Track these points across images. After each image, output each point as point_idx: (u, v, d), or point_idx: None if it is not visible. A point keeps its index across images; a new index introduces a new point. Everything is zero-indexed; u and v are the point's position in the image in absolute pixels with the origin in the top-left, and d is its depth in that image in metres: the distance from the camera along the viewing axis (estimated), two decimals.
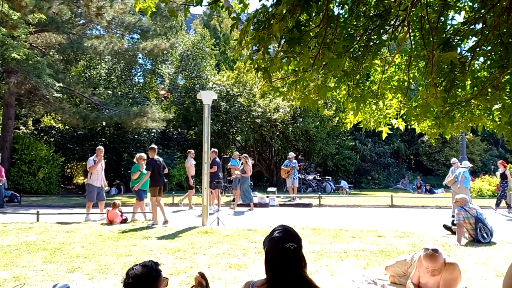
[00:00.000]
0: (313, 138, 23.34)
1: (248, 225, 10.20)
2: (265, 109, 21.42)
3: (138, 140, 23.36)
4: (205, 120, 10.40)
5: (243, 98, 22.13)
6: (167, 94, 26.16)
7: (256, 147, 24.55)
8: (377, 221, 11.37)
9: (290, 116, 21.84)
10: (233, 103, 22.61)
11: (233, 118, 22.85)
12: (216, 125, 22.71)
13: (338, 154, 25.34)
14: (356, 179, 27.23)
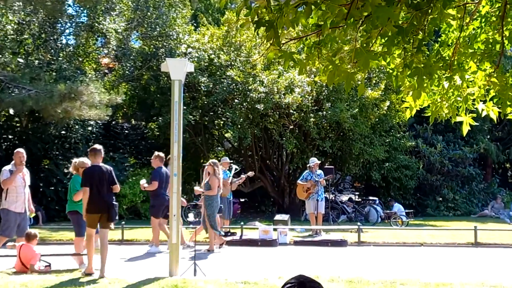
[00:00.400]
0: (348, 135, 23.33)
1: (244, 274, 10.16)
2: (271, 88, 21.45)
3: (66, 138, 23.37)
4: (174, 106, 10.38)
5: (235, 70, 22.16)
6: (114, 64, 26.17)
7: (256, 150, 24.57)
8: (452, 269, 11.33)
9: (312, 100, 21.87)
10: (219, 78, 22.63)
11: (219, 103, 22.87)
12: (193, 114, 22.72)
13: (389, 161, 25.35)
14: (418, 201, 27.22)
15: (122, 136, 26.67)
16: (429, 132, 27.09)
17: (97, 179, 10.14)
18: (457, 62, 4.67)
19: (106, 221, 10.22)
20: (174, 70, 10.52)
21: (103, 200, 10.14)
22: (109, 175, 10.30)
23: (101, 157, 10.47)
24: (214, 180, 13.47)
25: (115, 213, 10.33)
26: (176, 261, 10.21)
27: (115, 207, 10.35)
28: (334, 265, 11.84)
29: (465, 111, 5.03)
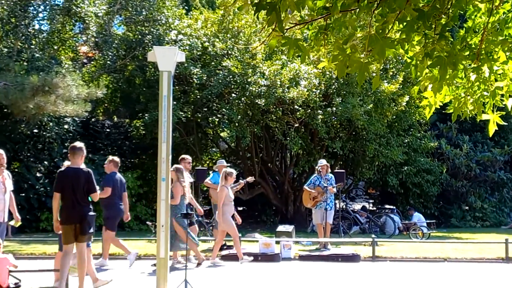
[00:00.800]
0: (361, 135, 23.31)
1: None
2: (273, 81, 21.45)
3: (39, 138, 23.34)
4: (162, 101, 10.38)
5: (233, 60, 22.15)
6: (93, 53, 26.15)
7: (256, 151, 24.57)
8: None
9: (320, 94, 21.88)
10: (214, 69, 22.63)
11: (214, 97, 22.85)
12: (184, 110, 22.71)
13: (408, 165, 25.34)
14: (441, 210, 27.20)
15: (103, 135, 26.63)
16: (453, 132, 27.08)
17: (70, 183, 9.91)
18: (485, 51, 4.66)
19: (79, 234, 9.91)
20: (162, 59, 10.50)
21: (76, 209, 9.88)
22: (86, 180, 10.01)
23: (81, 157, 10.26)
24: (177, 187, 13.54)
25: (88, 226, 9.93)
26: (164, 277, 10.18)
27: (90, 218, 10.00)
28: (345, 283, 11.81)
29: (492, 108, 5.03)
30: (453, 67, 4.29)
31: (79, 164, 10.19)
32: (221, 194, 14.19)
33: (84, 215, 9.93)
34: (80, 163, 10.21)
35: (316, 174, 17.34)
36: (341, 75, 4.43)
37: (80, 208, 9.91)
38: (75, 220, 9.90)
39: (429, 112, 5.06)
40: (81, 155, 10.24)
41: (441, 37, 4.34)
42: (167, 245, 10.36)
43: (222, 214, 14.22)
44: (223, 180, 14.33)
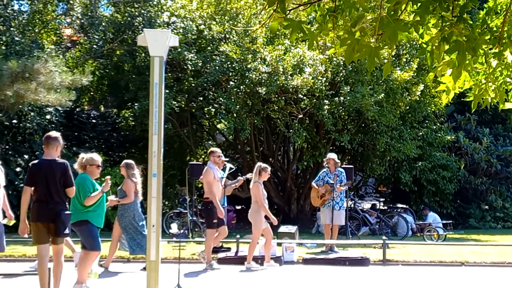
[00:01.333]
0: (371, 127, 23.30)
1: None
2: (275, 67, 21.44)
3: (19, 129, 23.34)
4: (153, 89, 10.37)
5: (231, 45, 22.13)
6: (78, 36, 26.11)
7: (257, 145, 24.57)
8: None
9: (326, 83, 21.87)
10: (211, 54, 22.60)
11: (211, 85, 22.84)
12: (178, 100, 22.70)
13: (423, 160, 25.34)
14: (458, 210, 27.21)
15: (89, 127, 26.64)
16: (473, 124, 27.06)
17: (43, 177, 9.72)
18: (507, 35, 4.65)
19: (54, 235, 9.74)
20: (153, 44, 10.49)
21: (49, 207, 9.69)
22: (62, 174, 9.77)
23: (56, 149, 10.03)
24: (129, 184, 13.61)
25: (63, 226, 9.69)
26: (155, 282, 10.18)
27: (65, 217, 9.78)
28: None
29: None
30: (473, 52, 4.28)
31: (54, 156, 9.98)
32: (258, 191, 14.26)
33: (58, 213, 9.68)
34: (56, 155, 10.01)
35: (324, 170, 17.24)
36: (349, 60, 4.42)
37: (53, 206, 9.69)
38: (47, 219, 9.71)
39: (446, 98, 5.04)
40: (56, 146, 10.03)
41: (459, 20, 4.33)
42: (158, 246, 10.36)
43: (257, 213, 14.28)
44: (257, 175, 14.40)
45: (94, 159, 11.18)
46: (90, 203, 10.77)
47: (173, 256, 14.41)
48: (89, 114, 27.60)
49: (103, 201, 11.05)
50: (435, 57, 4.62)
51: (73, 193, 10.06)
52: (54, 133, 10.32)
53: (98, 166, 11.18)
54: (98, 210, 10.96)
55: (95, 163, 11.09)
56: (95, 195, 10.76)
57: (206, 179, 14.19)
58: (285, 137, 24.29)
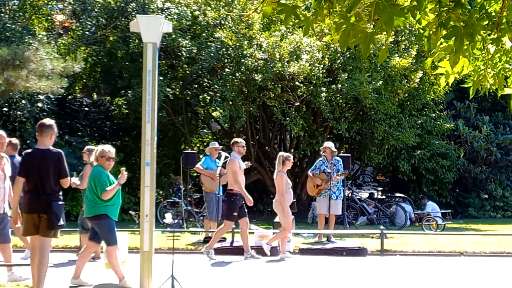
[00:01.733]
0: (369, 115, 23.30)
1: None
2: (271, 54, 21.41)
3: (9, 117, 23.27)
4: (147, 77, 10.35)
5: (226, 31, 22.08)
6: (70, 22, 26.02)
7: (252, 133, 24.56)
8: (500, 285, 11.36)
9: (323, 70, 21.84)
10: (205, 41, 22.55)
11: (206, 72, 22.80)
12: (172, 87, 22.66)
13: (422, 148, 25.36)
14: (457, 199, 27.24)
15: (81, 115, 26.57)
16: (472, 111, 27.08)
17: (36, 167, 9.49)
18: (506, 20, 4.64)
19: (45, 228, 9.43)
20: (147, 30, 10.47)
21: (41, 198, 9.47)
22: (55, 164, 9.54)
23: (50, 137, 9.74)
24: (87, 170, 13.61)
25: (56, 217, 9.41)
26: (148, 273, 10.19)
27: (58, 208, 9.50)
28: (350, 279, 11.84)
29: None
30: (470, 38, 4.27)
31: (48, 145, 9.71)
32: (281, 180, 14.31)
33: (50, 204, 9.45)
34: (49, 144, 9.74)
35: (321, 159, 17.21)
36: (344, 46, 4.41)
37: (46, 197, 9.47)
38: (38, 210, 9.48)
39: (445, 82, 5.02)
40: (50, 134, 9.72)
41: (457, 5, 4.32)
42: (152, 237, 10.37)
43: (283, 204, 14.35)
44: (280, 164, 14.44)
45: (104, 151, 10.97)
46: (108, 196, 10.64)
47: (167, 246, 14.42)
48: (82, 102, 27.51)
49: (119, 194, 10.96)
50: (432, 43, 4.62)
51: (67, 184, 9.77)
52: (48, 120, 9.99)
53: (109, 159, 10.94)
54: (116, 204, 10.90)
55: (105, 155, 10.88)
56: (111, 188, 10.64)
57: (232, 169, 14.18)
58: (281, 125, 24.28)
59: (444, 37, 4.37)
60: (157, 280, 10.49)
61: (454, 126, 25.79)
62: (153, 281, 10.31)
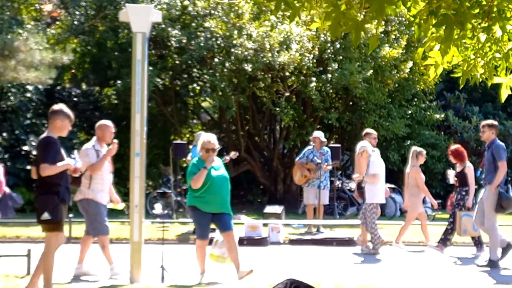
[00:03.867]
0: (359, 105, 23.32)
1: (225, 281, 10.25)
2: (261, 43, 21.39)
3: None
4: (136, 67, 10.33)
5: (216, 20, 22.04)
6: (59, 12, 25.93)
7: (242, 123, 24.54)
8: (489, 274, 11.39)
9: (313, 60, 21.84)
10: (195, 31, 22.50)
11: (195, 63, 22.75)
12: (162, 77, 22.61)
13: (412, 138, 25.38)
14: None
15: (70, 105, 26.11)
16: (462, 102, 27.12)
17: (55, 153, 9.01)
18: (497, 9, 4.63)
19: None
20: (136, 19, 10.45)
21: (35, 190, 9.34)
22: (38, 151, 9.22)
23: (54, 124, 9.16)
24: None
25: (38, 210, 8.87)
26: (138, 264, 10.20)
27: (40, 199, 9.01)
28: (340, 269, 11.88)
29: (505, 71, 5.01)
30: (461, 26, 4.26)
31: (50, 133, 9.20)
32: (418, 175, 14.65)
33: (35, 196, 9.26)
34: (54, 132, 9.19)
35: (309, 148, 17.19)
36: (334, 35, 4.39)
37: (35, 188, 9.29)
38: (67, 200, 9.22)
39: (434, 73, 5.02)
40: (54, 121, 9.18)
41: None
42: (141, 227, 10.37)
43: (416, 197, 14.77)
44: (414, 159, 14.72)
45: (204, 142, 10.52)
46: (196, 186, 10.26)
47: (156, 237, 14.42)
48: (70, 92, 27.43)
49: (212, 186, 10.29)
50: (422, 31, 4.61)
51: (43, 171, 8.72)
52: (56, 106, 9.49)
53: (208, 151, 10.31)
54: (205, 196, 10.36)
55: (204, 147, 10.40)
56: (196, 177, 10.22)
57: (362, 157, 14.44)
58: (271, 116, 24.27)
59: (435, 25, 4.36)
60: (146, 271, 10.50)
61: (444, 117, 25.84)
62: (143, 272, 10.32)
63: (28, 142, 22.80)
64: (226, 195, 10.61)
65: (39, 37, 20.23)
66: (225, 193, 10.56)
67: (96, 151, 10.84)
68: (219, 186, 10.44)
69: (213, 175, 10.34)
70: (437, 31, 4.59)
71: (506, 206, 12.25)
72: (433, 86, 25.48)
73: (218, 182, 10.43)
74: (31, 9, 25.25)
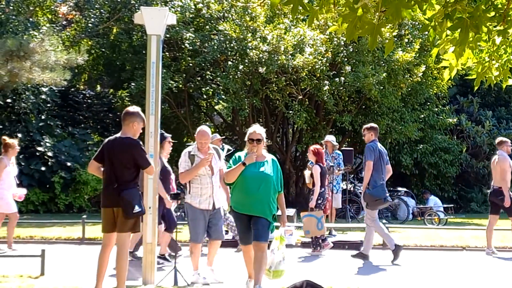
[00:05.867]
0: (373, 109, 23.27)
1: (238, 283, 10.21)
2: (275, 46, 21.38)
3: (13, 108, 23.31)
4: (150, 69, 10.34)
5: (230, 23, 22.05)
6: (74, 14, 26.02)
7: None
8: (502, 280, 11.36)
9: (327, 63, 21.81)
10: (209, 33, 22.52)
11: (209, 65, 22.78)
12: (175, 79, 22.67)
13: (424, 142, 25.34)
14: (460, 194, 27.20)
15: (84, 107, 26.62)
16: (475, 106, 27.07)
17: (108, 156, 9.10)
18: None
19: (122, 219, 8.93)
20: (150, 22, 10.46)
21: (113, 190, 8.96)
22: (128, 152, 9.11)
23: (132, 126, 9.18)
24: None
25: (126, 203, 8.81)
26: (151, 266, 10.20)
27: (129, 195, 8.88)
28: (351, 272, 11.84)
29: None
30: (476, 30, 4.26)
31: (127, 134, 9.25)
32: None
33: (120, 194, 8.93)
34: (130, 133, 9.23)
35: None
36: (350, 38, 4.39)
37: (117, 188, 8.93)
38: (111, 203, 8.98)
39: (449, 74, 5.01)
40: (132, 123, 9.21)
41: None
42: (154, 229, 10.38)
43: None
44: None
45: (250, 133, 9.93)
46: (226, 179, 9.71)
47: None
48: (85, 94, 27.56)
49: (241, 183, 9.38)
50: (437, 34, 4.61)
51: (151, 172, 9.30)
52: (133, 108, 9.47)
53: (253, 141, 9.64)
54: (237, 195, 9.64)
55: (248, 137, 9.82)
56: (230, 170, 9.51)
57: (501, 166, 14.30)
58: (284, 118, 24.26)
59: (450, 28, 4.36)
60: (159, 272, 10.50)
61: (456, 121, 25.79)
62: (156, 273, 10.32)
63: (42, 143, 22.89)
64: (261, 196, 9.30)
65: (54, 39, 20.30)
66: (260, 193, 9.28)
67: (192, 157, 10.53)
68: (252, 184, 9.27)
69: (246, 171, 9.31)
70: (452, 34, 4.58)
71: (369, 202, 13.15)
72: (446, 90, 25.43)
73: (251, 180, 9.29)
74: (46, 11, 25.35)
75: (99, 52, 26.00)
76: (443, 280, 11.26)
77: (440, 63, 5.18)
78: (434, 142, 25.47)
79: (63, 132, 23.53)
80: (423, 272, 12.19)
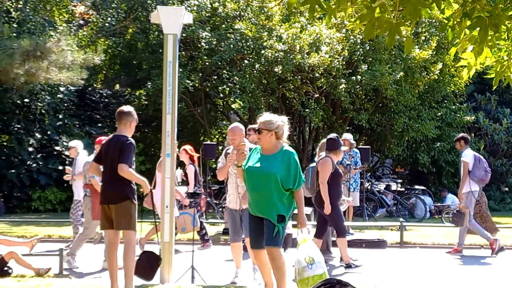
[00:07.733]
0: (389, 107, 23.20)
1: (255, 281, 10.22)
2: (291, 45, 21.35)
3: (30, 108, 23.42)
4: (167, 68, 10.35)
5: (246, 22, 22.06)
6: (90, 14, 26.10)
7: None
8: None
9: (343, 61, 21.76)
10: (225, 32, 22.53)
11: (225, 64, 22.79)
12: (192, 78, 22.69)
13: (442, 140, 25.23)
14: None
15: (101, 106, 26.71)
16: (493, 104, 26.90)
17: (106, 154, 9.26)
18: None
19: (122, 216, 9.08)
20: (167, 21, 10.47)
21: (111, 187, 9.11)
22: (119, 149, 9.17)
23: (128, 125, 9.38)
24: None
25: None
26: (169, 265, 10.21)
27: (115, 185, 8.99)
28: (369, 271, 11.82)
29: None
30: (495, 28, 4.23)
31: (123, 132, 9.38)
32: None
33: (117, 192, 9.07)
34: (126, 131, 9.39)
35: None
36: (368, 37, 4.38)
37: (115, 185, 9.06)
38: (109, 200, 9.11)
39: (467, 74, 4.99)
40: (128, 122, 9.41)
41: None
42: (172, 228, 10.40)
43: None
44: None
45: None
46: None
47: (187, 238, 14.47)
48: (101, 94, 27.64)
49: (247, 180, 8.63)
50: (456, 33, 4.58)
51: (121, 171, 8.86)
52: (127, 107, 9.60)
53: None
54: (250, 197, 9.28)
55: None
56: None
57: None
58: (300, 117, 24.22)
59: (469, 27, 4.34)
60: (177, 271, 10.52)
61: (474, 119, 25.64)
62: (173, 272, 10.34)
63: (60, 143, 22.99)
64: (263, 195, 8.35)
65: (70, 38, 20.37)
66: (262, 192, 8.35)
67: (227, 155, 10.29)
68: (252, 182, 8.42)
69: (247, 167, 8.47)
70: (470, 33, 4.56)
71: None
72: (464, 87, 25.31)
73: (251, 176, 8.45)
74: (63, 11, 25.45)
75: (116, 52, 26.06)
76: (461, 278, 11.22)
77: (458, 61, 5.15)
78: (451, 140, 25.27)
79: (80, 131, 23.61)
80: (441, 270, 12.15)
